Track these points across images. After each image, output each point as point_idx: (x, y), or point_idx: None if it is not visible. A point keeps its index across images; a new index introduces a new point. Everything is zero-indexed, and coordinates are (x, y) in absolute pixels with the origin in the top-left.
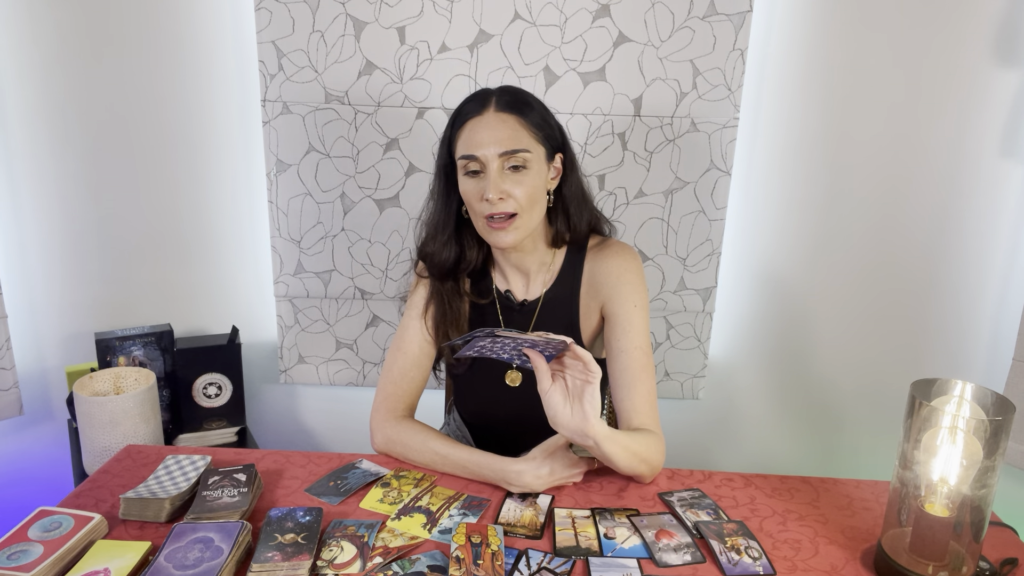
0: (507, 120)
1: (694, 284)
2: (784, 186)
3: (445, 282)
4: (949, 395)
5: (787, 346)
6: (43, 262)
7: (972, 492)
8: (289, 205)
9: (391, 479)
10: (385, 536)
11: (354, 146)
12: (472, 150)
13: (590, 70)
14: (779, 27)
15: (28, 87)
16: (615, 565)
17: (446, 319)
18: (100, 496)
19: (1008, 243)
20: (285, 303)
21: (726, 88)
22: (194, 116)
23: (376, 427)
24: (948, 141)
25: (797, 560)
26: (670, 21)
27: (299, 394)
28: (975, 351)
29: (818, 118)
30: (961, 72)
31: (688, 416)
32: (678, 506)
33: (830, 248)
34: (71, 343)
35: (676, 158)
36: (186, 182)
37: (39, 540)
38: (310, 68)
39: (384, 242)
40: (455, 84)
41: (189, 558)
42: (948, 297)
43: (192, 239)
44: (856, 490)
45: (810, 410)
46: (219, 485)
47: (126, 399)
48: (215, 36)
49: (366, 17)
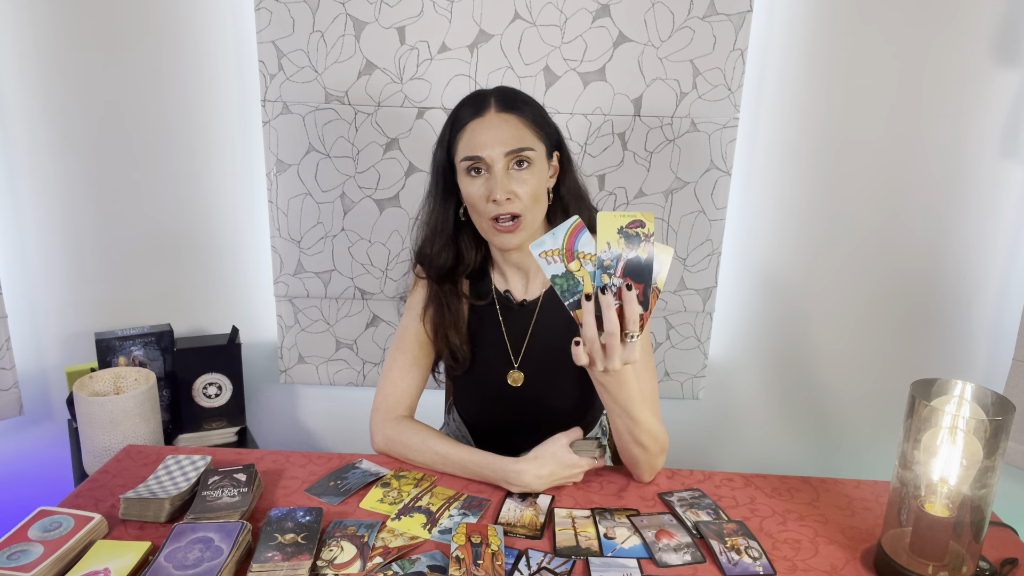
0: (509, 120)
1: (694, 284)
2: (784, 186)
3: (443, 285)
4: (949, 395)
5: (787, 346)
6: (43, 262)
7: (972, 492)
8: (289, 205)
9: (391, 479)
10: (385, 536)
11: (354, 146)
12: (477, 151)
13: (590, 70)
14: (779, 27)
15: (28, 87)
16: (615, 565)
17: (445, 321)
18: (100, 496)
19: (1008, 243)
20: (285, 303)
21: (726, 88)
22: (194, 116)
23: (376, 427)
24: (948, 141)
25: (797, 560)
26: (670, 21)
27: (299, 394)
28: (975, 351)
29: (818, 118)
30: (961, 72)
31: (688, 416)
32: (678, 506)
33: (830, 248)
34: (71, 343)
35: (676, 158)
36: (186, 182)
37: (39, 540)
38: (310, 68)
39: (384, 242)
40: (455, 84)
41: (189, 558)
42: (948, 297)
43: (192, 239)
44: (856, 490)
45: (810, 410)
46: (219, 485)
47: (126, 399)
48: (215, 36)
49: (366, 17)
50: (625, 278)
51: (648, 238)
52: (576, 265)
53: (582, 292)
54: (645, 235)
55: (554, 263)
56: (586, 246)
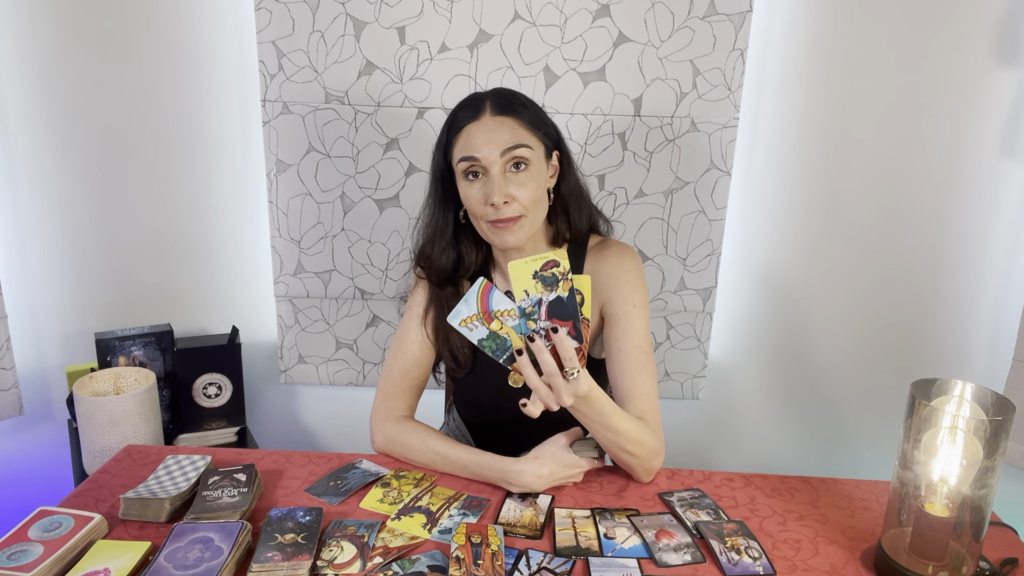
0: (505, 122)
1: (694, 284)
2: (784, 186)
3: (444, 288)
4: (949, 395)
5: (787, 346)
6: (43, 262)
7: (972, 492)
8: (289, 205)
9: (391, 479)
10: (385, 536)
11: (354, 146)
12: (472, 152)
13: (590, 70)
14: (779, 27)
15: (28, 87)
16: (615, 565)
17: (446, 324)
18: (100, 496)
19: (1008, 243)
20: (285, 303)
21: (726, 88)
22: (194, 116)
23: (376, 427)
24: (948, 141)
25: (797, 560)
26: (670, 21)
27: (299, 394)
28: (975, 351)
29: (818, 118)
30: (961, 72)
31: (688, 416)
32: (678, 506)
33: (830, 248)
34: (71, 343)
35: (676, 158)
36: (186, 182)
37: (39, 540)
38: (310, 68)
39: (384, 242)
40: (455, 84)
41: (189, 558)
42: (948, 297)
43: (192, 239)
44: (856, 490)
45: (810, 410)
46: (219, 485)
47: (126, 399)
48: (215, 36)
49: (366, 17)
50: (552, 319)
51: (565, 275)
52: (497, 324)
53: (512, 348)
54: (561, 274)
55: (476, 328)
56: (499, 304)
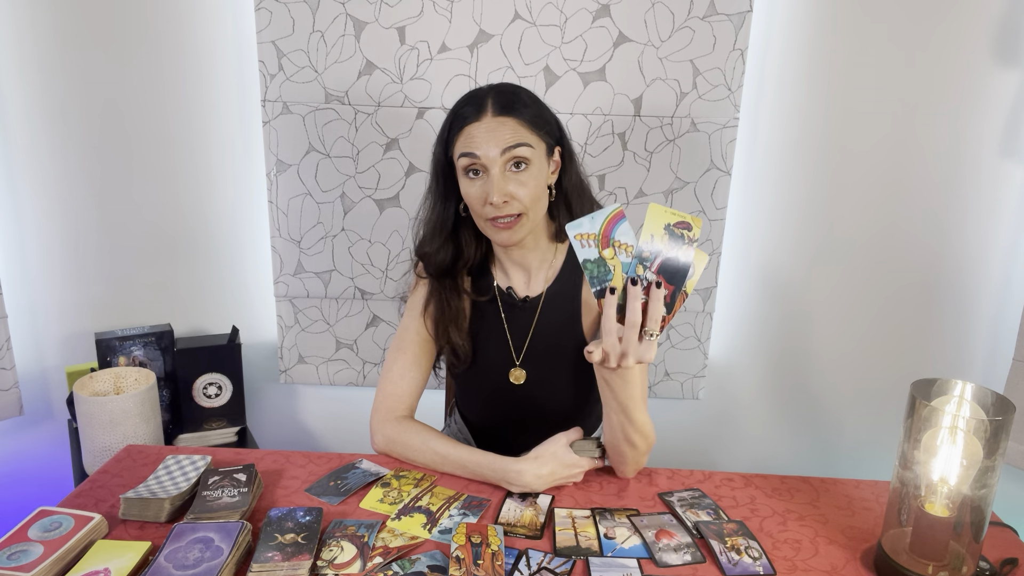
0: (506, 123)
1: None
2: (784, 186)
3: (444, 280)
4: (949, 395)
5: (787, 346)
6: (43, 262)
7: (972, 492)
8: (289, 205)
9: (391, 479)
10: (385, 536)
11: (354, 146)
12: (473, 149)
13: (590, 70)
14: (779, 27)
15: (28, 87)
16: (615, 565)
17: (445, 317)
18: (100, 496)
19: (1008, 243)
20: (285, 303)
21: (726, 88)
22: (194, 116)
23: (376, 427)
24: (948, 141)
25: (797, 560)
26: (670, 21)
27: (299, 394)
28: (975, 351)
29: (818, 118)
30: (961, 72)
31: (688, 416)
32: (678, 506)
33: (830, 248)
34: (71, 343)
35: (676, 158)
36: (186, 182)
37: (39, 540)
38: (310, 68)
39: (384, 242)
40: (455, 84)
41: (189, 558)
42: (948, 297)
43: (192, 239)
44: (856, 490)
45: (810, 410)
46: (219, 485)
47: (126, 399)
48: (215, 36)
49: (366, 17)
50: (659, 275)
51: (692, 243)
52: (610, 253)
53: (610, 283)
54: (689, 239)
55: (588, 247)
56: (623, 236)
